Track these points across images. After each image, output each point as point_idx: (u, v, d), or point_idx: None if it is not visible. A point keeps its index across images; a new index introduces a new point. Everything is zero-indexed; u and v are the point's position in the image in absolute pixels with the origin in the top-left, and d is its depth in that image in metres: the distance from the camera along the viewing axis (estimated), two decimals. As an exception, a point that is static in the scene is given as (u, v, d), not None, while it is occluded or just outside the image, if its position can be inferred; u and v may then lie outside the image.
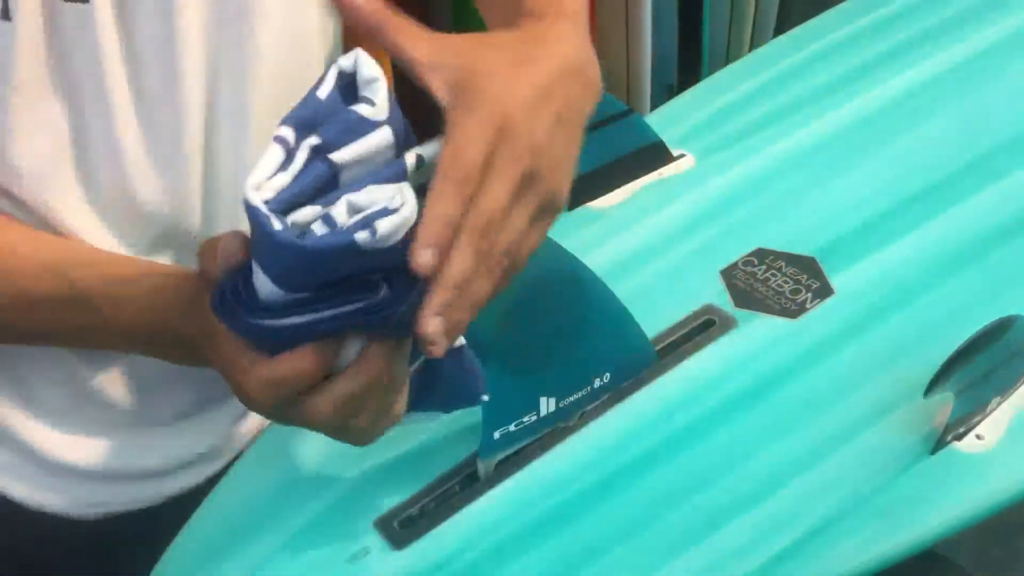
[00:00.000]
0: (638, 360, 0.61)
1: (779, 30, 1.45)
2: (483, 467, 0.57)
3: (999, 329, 0.53)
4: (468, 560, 0.53)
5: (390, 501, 0.56)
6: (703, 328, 0.65)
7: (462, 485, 0.57)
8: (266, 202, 0.42)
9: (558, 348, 0.57)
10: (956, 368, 0.53)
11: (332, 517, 0.56)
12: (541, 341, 0.57)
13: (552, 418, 0.58)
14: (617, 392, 0.60)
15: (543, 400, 0.57)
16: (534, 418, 0.57)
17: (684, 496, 0.56)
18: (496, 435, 0.56)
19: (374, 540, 0.54)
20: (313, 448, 0.59)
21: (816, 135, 0.78)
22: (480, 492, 0.56)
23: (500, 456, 0.57)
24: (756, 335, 0.64)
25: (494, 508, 0.56)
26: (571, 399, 0.58)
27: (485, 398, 0.54)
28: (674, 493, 0.56)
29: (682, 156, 0.77)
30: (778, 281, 0.68)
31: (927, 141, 0.77)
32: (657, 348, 0.63)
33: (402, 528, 0.55)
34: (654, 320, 0.64)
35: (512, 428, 0.56)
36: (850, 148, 0.77)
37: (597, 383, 0.59)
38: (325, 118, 0.44)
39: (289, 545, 0.54)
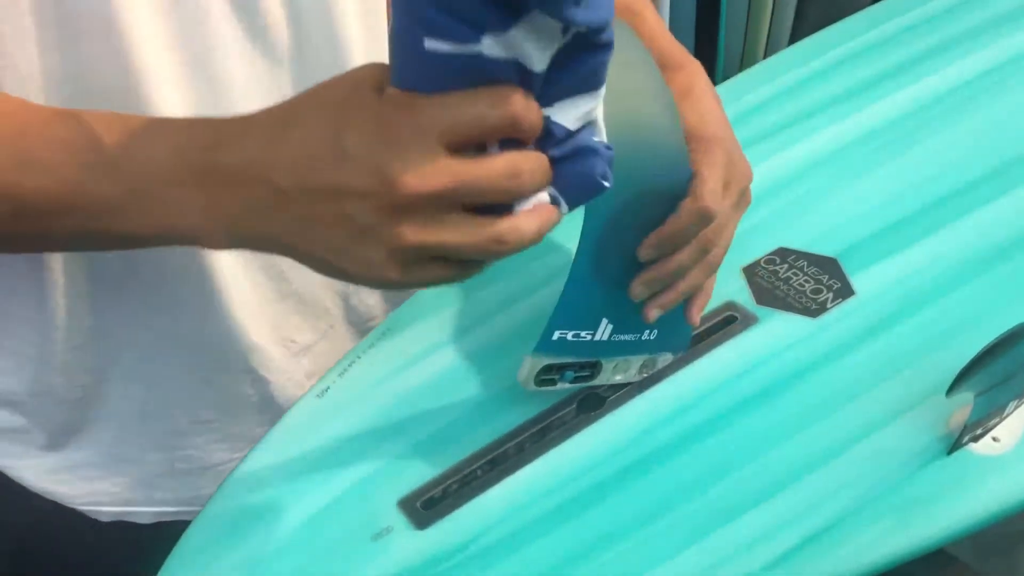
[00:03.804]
0: (678, 341, 0.63)
1: (793, 39, 1.46)
2: (528, 366, 0.57)
3: (1020, 333, 0.54)
4: (488, 542, 0.54)
5: (413, 482, 0.57)
6: (725, 324, 0.66)
7: (484, 469, 0.58)
8: None
9: (634, 276, 0.58)
10: (977, 370, 0.53)
11: (356, 496, 0.57)
12: (626, 262, 0.58)
13: (601, 347, 0.59)
14: (638, 383, 0.62)
15: (603, 322, 0.58)
16: (589, 337, 0.58)
17: (701, 487, 0.57)
18: (555, 335, 0.56)
19: (397, 519, 0.56)
20: (337, 429, 0.61)
21: (838, 138, 0.78)
22: (502, 477, 0.57)
23: (546, 362, 0.57)
24: (776, 332, 0.65)
25: (515, 493, 0.57)
26: (623, 337, 0.59)
27: (607, 184, 0.47)
28: (692, 484, 0.57)
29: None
30: (799, 280, 0.69)
31: (950, 146, 0.77)
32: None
33: (425, 509, 0.56)
34: (676, 314, 0.65)
35: (569, 336, 0.57)
36: (873, 151, 0.78)
37: (646, 335, 0.60)
38: None
39: (315, 521, 0.56)
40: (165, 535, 0.66)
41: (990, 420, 0.58)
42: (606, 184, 0.47)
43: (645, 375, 0.62)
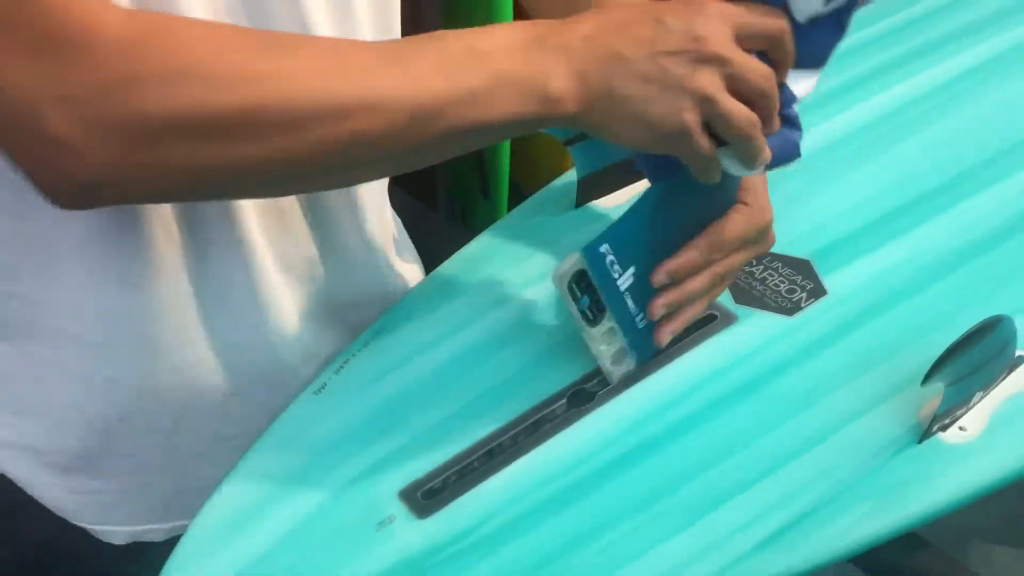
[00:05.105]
0: (645, 349, 0.65)
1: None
2: (573, 260, 0.61)
3: (987, 328, 0.58)
4: (489, 529, 0.57)
5: (413, 474, 0.60)
6: (706, 322, 0.69)
7: (481, 461, 0.60)
8: None
9: (671, 246, 0.62)
10: (948, 362, 0.57)
11: (358, 488, 0.59)
12: (669, 230, 0.62)
13: (615, 296, 0.62)
14: (627, 379, 0.64)
15: (631, 270, 0.62)
16: (617, 275, 0.61)
17: (689, 476, 0.60)
18: (602, 247, 0.61)
19: (399, 509, 0.58)
20: (336, 423, 0.63)
21: (812, 144, 0.82)
22: (499, 468, 0.60)
23: (585, 266, 0.61)
24: (755, 330, 0.68)
25: (513, 483, 0.59)
26: (630, 302, 0.62)
27: (799, 157, 0.60)
28: (680, 473, 0.60)
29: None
30: (775, 281, 0.72)
31: (917, 151, 0.81)
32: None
33: (425, 499, 0.58)
34: (659, 313, 0.68)
35: (608, 260, 0.61)
36: (844, 157, 0.81)
37: (639, 319, 0.63)
38: None
39: (319, 512, 0.58)
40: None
41: (958, 410, 0.61)
42: (799, 157, 0.58)
43: (613, 371, 0.64)
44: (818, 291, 0.71)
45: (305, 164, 0.53)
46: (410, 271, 0.76)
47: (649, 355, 0.65)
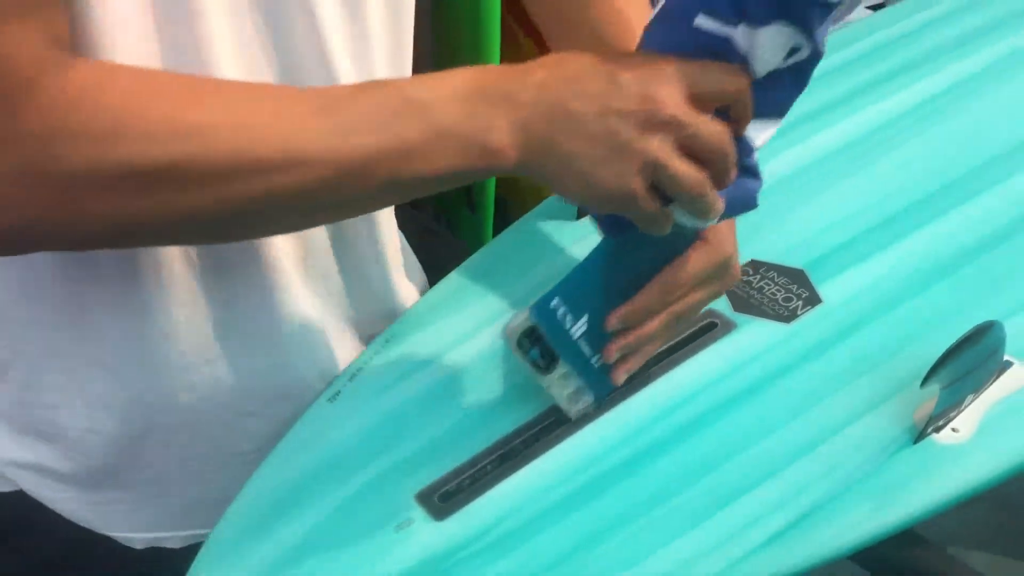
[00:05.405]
0: (602, 388, 0.65)
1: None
2: (523, 318, 0.62)
3: (980, 332, 0.60)
4: (504, 530, 0.59)
5: (428, 478, 0.62)
6: (707, 330, 0.71)
7: (494, 464, 0.62)
8: None
9: (626, 291, 0.61)
10: (945, 365, 0.59)
11: (376, 491, 0.61)
12: (625, 277, 0.61)
13: (568, 345, 0.62)
14: (631, 384, 0.67)
15: (584, 318, 0.62)
16: (569, 326, 0.62)
17: (694, 478, 0.62)
18: (553, 303, 0.61)
19: (417, 512, 0.60)
20: (351, 430, 0.65)
21: (801, 159, 0.85)
22: (511, 471, 0.62)
23: (534, 323, 0.62)
24: (754, 337, 0.71)
25: (526, 485, 0.61)
26: (585, 347, 0.62)
27: (756, 206, 0.60)
28: (685, 475, 0.62)
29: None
30: (771, 290, 0.74)
31: (906, 164, 0.85)
32: (665, 347, 0.69)
33: (442, 501, 0.60)
34: (661, 321, 0.70)
35: (559, 313, 0.62)
36: (835, 170, 0.85)
37: (594, 360, 0.63)
38: None
39: (339, 514, 0.60)
40: (195, 557, 0.68)
41: (950, 412, 0.64)
42: (756, 206, 0.58)
43: (570, 409, 0.64)
44: (813, 299, 0.73)
45: (234, 216, 0.53)
46: (417, 282, 0.78)
47: (607, 392, 0.65)
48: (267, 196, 0.52)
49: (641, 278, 0.61)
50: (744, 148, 0.56)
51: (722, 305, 0.73)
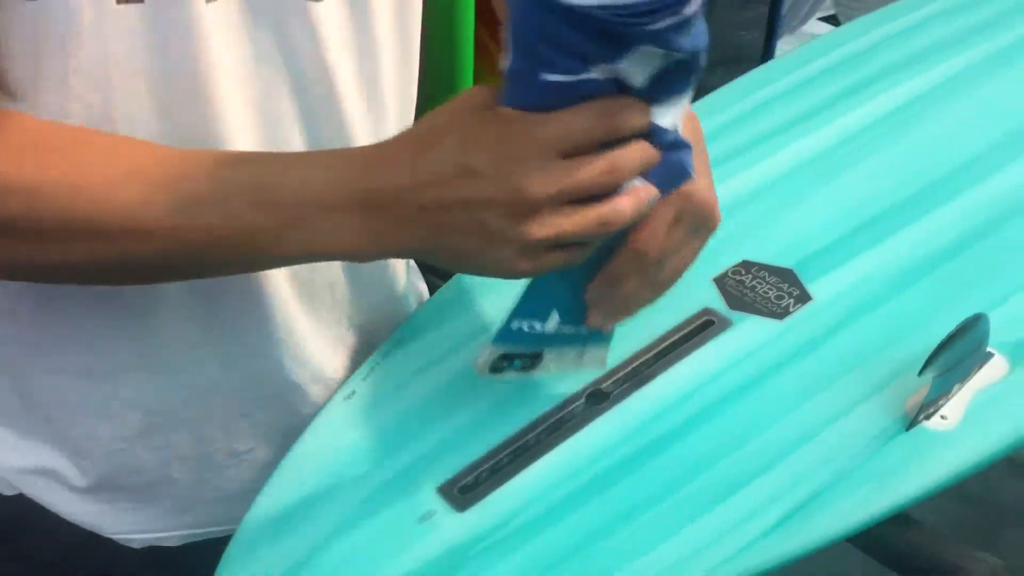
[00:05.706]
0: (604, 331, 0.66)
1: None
2: (487, 354, 0.62)
3: (970, 324, 0.64)
4: (524, 520, 0.61)
5: (447, 471, 0.64)
6: (704, 327, 0.74)
7: (510, 458, 0.65)
8: None
9: (587, 273, 0.59)
10: (939, 355, 0.63)
11: (398, 485, 0.63)
12: (589, 265, 0.59)
13: (547, 339, 0.63)
14: (636, 380, 0.69)
15: (553, 313, 0.61)
16: (540, 328, 0.62)
17: (699, 470, 0.65)
18: (513, 325, 0.61)
19: (439, 504, 0.62)
20: (369, 427, 0.67)
21: (793, 159, 0.89)
22: (527, 464, 0.64)
23: (502, 351, 0.62)
24: (749, 334, 0.74)
25: (541, 477, 0.64)
26: (566, 329, 0.63)
27: (692, 175, 0.56)
28: (690, 467, 0.65)
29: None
30: (763, 288, 0.78)
31: (890, 165, 0.89)
32: (664, 345, 0.72)
33: (462, 494, 0.63)
34: (660, 320, 0.73)
35: (525, 327, 0.62)
36: (823, 171, 0.88)
37: (583, 329, 0.64)
38: None
39: (363, 508, 0.62)
40: (193, 555, 0.70)
41: (939, 401, 0.68)
42: (692, 175, 0.55)
43: (576, 367, 0.67)
44: (803, 297, 0.77)
45: (95, 272, 0.55)
46: (420, 286, 0.80)
47: (611, 333, 0.66)
48: (121, 258, 0.53)
49: (602, 260, 0.59)
50: (656, 132, 0.53)
51: (718, 303, 0.76)
